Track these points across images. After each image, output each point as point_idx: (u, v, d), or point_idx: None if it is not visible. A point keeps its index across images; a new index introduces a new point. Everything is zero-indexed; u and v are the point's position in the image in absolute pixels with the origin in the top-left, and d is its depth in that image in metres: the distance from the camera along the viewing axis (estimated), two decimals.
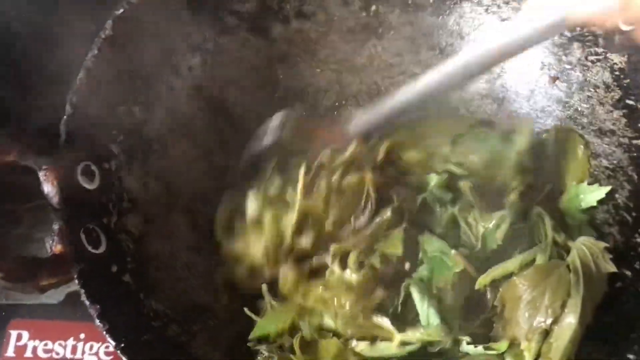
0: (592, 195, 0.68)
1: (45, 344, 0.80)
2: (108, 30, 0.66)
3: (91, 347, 0.80)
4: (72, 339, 0.80)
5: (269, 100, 0.80)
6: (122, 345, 0.57)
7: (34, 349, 0.80)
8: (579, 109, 0.72)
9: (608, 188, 0.67)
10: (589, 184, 0.69)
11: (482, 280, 0.62)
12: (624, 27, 0.64)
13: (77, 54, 0.66)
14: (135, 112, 0.70)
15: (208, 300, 0.69)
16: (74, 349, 0.80)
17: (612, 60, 0.67)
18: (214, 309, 0.69)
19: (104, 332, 0.57)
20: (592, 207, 0.68)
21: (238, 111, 0.79)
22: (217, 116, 0.78)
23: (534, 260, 0.63)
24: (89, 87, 0.64)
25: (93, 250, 0.61)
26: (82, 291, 0.58)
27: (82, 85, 0.64)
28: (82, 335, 0.80)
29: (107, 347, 0.79)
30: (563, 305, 0.59)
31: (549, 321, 0.59)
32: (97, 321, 0.57)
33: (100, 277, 0.60)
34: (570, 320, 0.58)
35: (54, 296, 0.81)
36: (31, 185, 0.60)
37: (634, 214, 0.65)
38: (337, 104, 0.83)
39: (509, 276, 0.62)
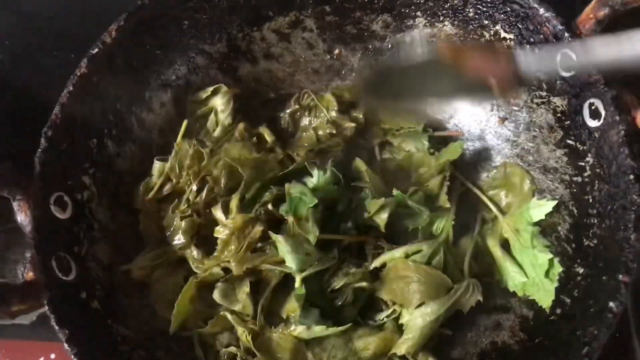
0: (541, 209, 0.73)
1: None
2: (83, 69, 0.70)
3: None
4: (42, 358, 0.82)
5: None
6: None
7: None
8: (526, 147, 0.77)
9: (555, 202, 0.72)
10: None
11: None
12: (563, 73, 0.70)
13: (53, 89, 0.70)
14: (108, 145, 0.74)
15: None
16: None
17: (555, 103, 0.72)
18: (179, 336, 0.71)
19: (72, 356, 0.59)
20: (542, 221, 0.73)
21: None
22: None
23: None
24: (64, 122, 0.68)
25: (63, 278, 0.64)
26: (52, 316, 0.60)
27: (57, 120, 0.68)
28: (52, 355, 0.82)
29: None
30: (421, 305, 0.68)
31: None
32: (66, 345, 0.59)
33: (69, 303, 0.63)
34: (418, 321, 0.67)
35: (26, 317, 0.82)
36: (5, 208, 0.63)
37: (573, 245, 0.69)
38: None
39: None
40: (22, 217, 0.64)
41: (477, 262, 0.74)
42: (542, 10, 0.69)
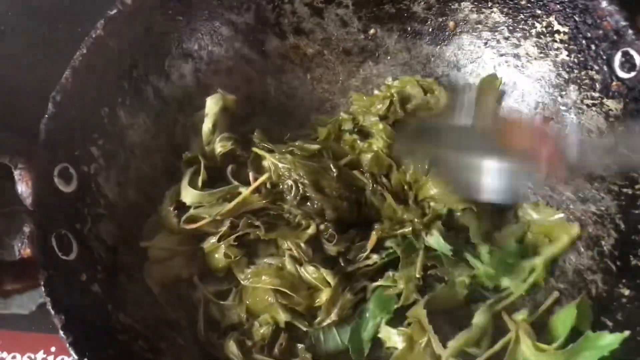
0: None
1: (14, 356, 0.77)
2: (99, 30, 0.64)
3: None
4: (42, 351, 0.78)
5: (258, 113, 0.78)
6: (85, 359, 0.54)
7: None
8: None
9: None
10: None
11: None
12: (622, 74, 0.64)
13: (64, 55, 0.64)
14: (120, 115, 0.69)
15: (177, 317, 0.67)
16: None
17: (608, 105, 0.66)
18: (182, 327, 0.67)
19: (67, 345, 0.54)
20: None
21: None
22: None
23: None
24: (74, 87, 0.62)
25: (63, 257, 0.59)
26: (48, 299, 0.55)
27: (67, 85, 0.62)
28: (52, 349, 0.78)
29: None
30: None
31: None
32: (61, 332, 0.54)
33: (68, 286, 0.58)
34: None
35: (25, 306, 0.79)
36: (7, 190, 0.58)
37: (619, 263, 0.64)
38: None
39: None
40: (23, 188, 0.59)
41: None
42: (604, 3, 0.63)
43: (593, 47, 0.66)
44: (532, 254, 0.70)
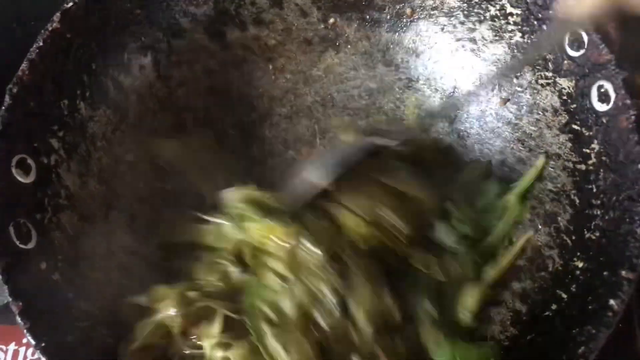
0: None
1: None
2: (55, 23, 0.65)
3: (33, 353, 0.76)
4: (13, 343, 0.77)
5: (221, 104, 0.79)
6: (43, 344, 0.55)
7: None
8: (527, 131, 0.72)
9: None
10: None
11: None
12: (571, 53, 0.65)
13: (22, 45, 0.65)
14: (81, 107, 0.69)
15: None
16: (15, 354, 0.77)
17: (561, 84, 0.68)
18: None
19: (24, 330, 0.55)
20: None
21: (188, 114, 0.78)
22: (166, 118, 0.76)
23: None
24: (31, 79, 0.63)
25: (21, 246, 0.59)
26: (6, 287, 0.56)
27: (24, 77, 0.62)
28: (24, 340, 0.77)
29: None
30: None
31: None
32: (19, 318, 0.55)
33: (27, 274, 0.58)
34: None
35: None
36: None
37: (574, 237, 0.65)
38: (291, 114, 0.82)
39: None
40: None
41: None
42: None
43: (544, 27, 0.68)
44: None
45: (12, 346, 0.77)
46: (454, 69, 0.77)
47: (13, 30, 0.92)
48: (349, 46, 0.81)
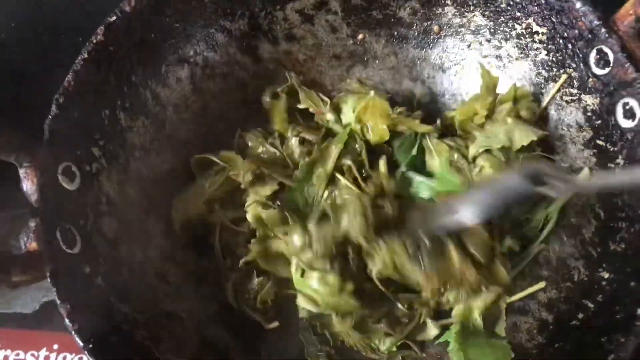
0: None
1: (17, 354, 0.79)
2: (99, 36, 0.67)
3: (64, 358, 0.79)
4: (45, 349, 0.79)
5: (253, 117, 0.81)
6: (90, 345, 0.57)
7: (5, 358, 0.79)
8: (553, 146, 0.74)
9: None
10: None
11: None
12: (597, 71, 0.67)
13: (67, 57, 0.67)
14: (120, 117, 0.71)
15: (177, 309, 0.69)
16: None
17: (586, 101, 0.70)
18: (182, 318, 0.69)
19: (72, 332, 0.57)
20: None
21: (221, 126, 0.80)
22: (200, 129, 0.79)
23: None
24: (76, 90, 0.65)
25: (68, 250, 0.61)
26: (54, 289, 0.58)
27: (69, 87, 0.65)
28: (55, 346, 0.79)
29: (80, 358, 0.79)
30: None
31: None
32: (67, 320, 0.57)
33: (72, 277, 0.60)
34: None
35: (28, 305, 0.81)
36: (8, 193, 0.60)
37: (599, 249, 0.66)
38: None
39: None
40: (29, 186, 0.62)
41: None
42: (578, 4, 0.67)
43: (570, 46, 0.70)
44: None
45: (43, 352, 0.79)
46: (480, 84, 0.79)
47: (43, 41, 0.95)
48: (377, 61, 0.83)
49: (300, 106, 0.80)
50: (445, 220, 0.66)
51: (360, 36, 0.82)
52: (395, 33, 0.81)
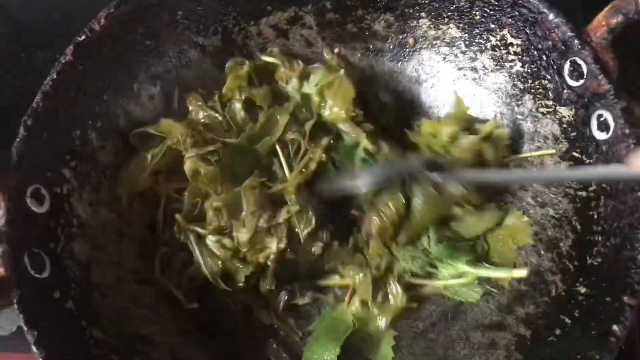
0: None
1: None
2: (68, 56, 0.66)
3: None
4: None
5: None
6: None
7: None
8: (529, 158, 0.74)
9: None
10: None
11: None
12: (571, 83, 0.67)
13: (35, 78, 0.67)
14: (92, 137, 0.70)
15: (151, 332, 0.68)
16: None
17: (561, 113, 0.69)
18: (156, 342, 0.68)
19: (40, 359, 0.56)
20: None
21: None
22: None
23: None
24: (45, 111, 0.64)
25: (36, 275, 0.60)
26: (21, 316, 0.57)
27: (38, 108, 0.64)
28: None
29: None
30: None
31: None
32: (34, 347, 0.56)
33: (41, 303, 0.59)
34: None
35: (5, 327, 0.80)
36: None
37: (576, 262, 0.66)
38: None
39: None
40: None
41: None
42: (551, 16, 0.67)
43: (544, 57, 0.70)
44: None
45: None
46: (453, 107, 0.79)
47: (19, 59, 0.94)
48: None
49: (269, 59, 0.80)
50: (344, 185, 0.72)
51: (335, 50, 0.81)
52: (371, 46, 0.81)
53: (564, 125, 0.69)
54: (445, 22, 0.76)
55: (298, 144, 0.75)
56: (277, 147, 0.74)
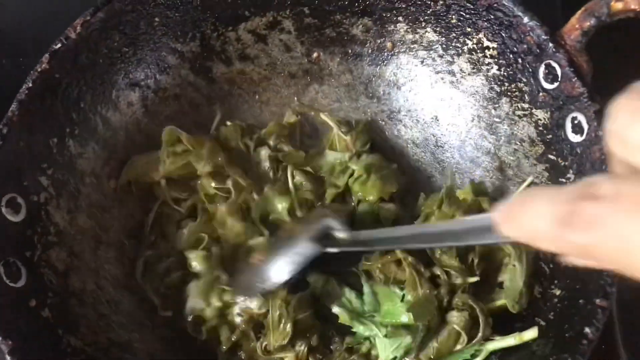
0: None
1: None
2: (44, 64, 0.66)
3: None
4: None
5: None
6: None
7: None
8: (506, 161, 0.74)
9: None
10: None
11: None
12: (546, 85, 0.67)
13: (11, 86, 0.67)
14: (70, 145, 0.70)
15: (129, 339, 0.68)
16: None
17: (537, 115, 0.70)
18: (135, 348, 0.68)
19: None
20: None
21: None
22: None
23: None
24: (21, 119, 0.64)
25: (11, 284, 0.60)
26: None
27: (13, 117, 0.64)
28: None
29: None
30: None
31: None
32: (8, 357, 0.56)
33: (16, 312, 0.60)
34: None
35: None
36: None
37: (551, 265, 0.66)
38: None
39: None
40: None
41: None
42: (526, 19, 0.67)
43: (520, 60, 0.70)
44: None
45: None
46: (434, 100, 0.79)
47: (2, 66, 0.94)
48: (332, 79, 0.83)
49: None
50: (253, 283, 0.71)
51: (314, 54, 0.82)
52: (350, 51, 0.81)
53: (540, 128, 0.70)
54: (422, 26, 0.77)
55: None
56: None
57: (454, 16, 0.74)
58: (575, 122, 0.65)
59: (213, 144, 0.76)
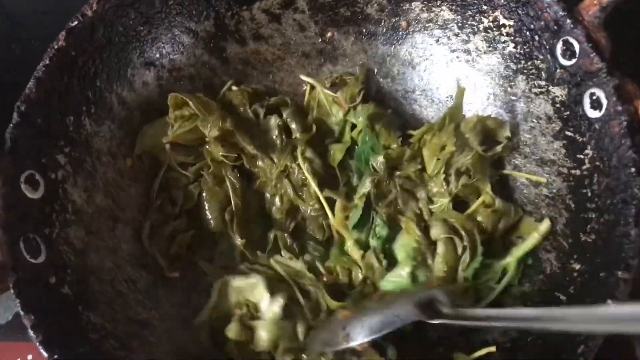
0: None
1: None
2: (61, 42, 0.66)
3: None
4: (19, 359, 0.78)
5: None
6: (56, 357, 0.56)
7: None
8: (523, 138, 0.74)
9: None
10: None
11: None
12: (563, 62, 0.67)
13: (29, 63, 0.66)
14: (86, 123, 0.70)
15: (148, 317, 0.68)
16: None
17: (554, 92, 0.69)
18: (154, 326, 0.68)
19: (37, 344, 0.56)
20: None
21: None
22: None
23: None
24: (38, 97, 0.64)
25: (32, 260, 0.60)
26: (17, 300, 0.57)
27: (32, 95, 0.64)
28: (29, 357, 0.78)
29: None
30: None
31: None
32: (31, 332, 0.56)
33: (37, 288, 0.60)
34: None
35: (1, 315, 0.80)
36: None
37: (570, 240, 0.66)
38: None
39: None
40: None
41: None
42: None
43: (537, 37, 0.70)
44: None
45: None
46: (450, 79, 0.79)
47: (13, 50, 0.94)
48: (347, 59, 0.83)
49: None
50: (336, 337, 0.65)
51: (328, 34, 0.82)
52: (364, 30, 0.81)
53: (557, 105, 0.69)
54: (438, 4, 0.76)
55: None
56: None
57: None
58: (594, 97, 0.64)
59: (222, 110, 0.76)
